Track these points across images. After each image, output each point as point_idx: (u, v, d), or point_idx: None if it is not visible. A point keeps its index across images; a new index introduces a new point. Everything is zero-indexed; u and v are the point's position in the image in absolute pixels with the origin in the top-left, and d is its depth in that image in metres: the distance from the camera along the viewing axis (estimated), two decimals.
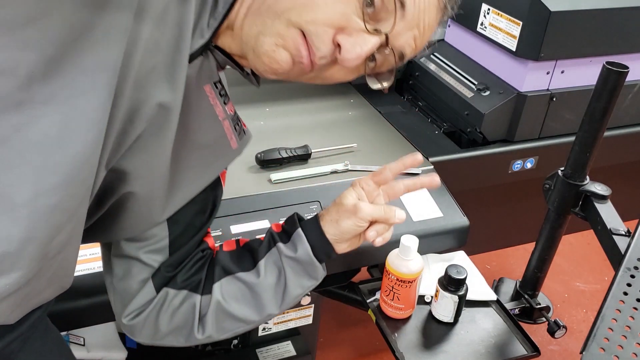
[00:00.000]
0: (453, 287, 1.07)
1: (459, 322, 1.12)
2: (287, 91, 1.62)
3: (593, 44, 1.38)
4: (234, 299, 0.85)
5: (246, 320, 0.87)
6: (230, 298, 0.85)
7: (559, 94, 1.42)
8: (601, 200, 1.12)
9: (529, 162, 1.47)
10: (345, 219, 0.86)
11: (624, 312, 0.91)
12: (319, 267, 0.88)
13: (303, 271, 0.87)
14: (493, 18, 1.40)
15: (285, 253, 0.86)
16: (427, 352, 1.06)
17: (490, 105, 1.40)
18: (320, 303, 1.44)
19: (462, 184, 1.39)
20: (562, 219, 1.20)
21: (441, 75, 1.54)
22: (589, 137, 1.09)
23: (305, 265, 0.87)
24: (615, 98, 1.05)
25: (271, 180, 1.22)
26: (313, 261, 0.86)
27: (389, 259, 1.08)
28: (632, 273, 0.97)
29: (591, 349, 0.86)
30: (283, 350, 1.46)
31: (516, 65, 1.40)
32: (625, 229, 1.07)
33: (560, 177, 1.16)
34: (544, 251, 1.26)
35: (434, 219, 1.23)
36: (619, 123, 1.55)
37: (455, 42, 1.59)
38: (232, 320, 0.86)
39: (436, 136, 1.47)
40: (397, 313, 1.11)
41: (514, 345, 1.09)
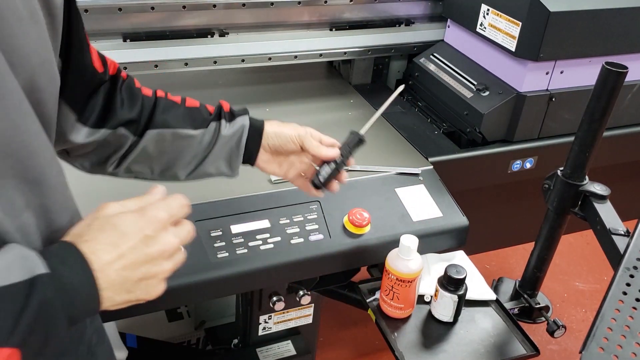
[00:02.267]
0: (452, 287, 1.08)
1: (459, 321, 1.12)
2: (287, 91, 1.62)
3: (592, 44, 1.38)
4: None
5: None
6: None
7: (559, 94, 1.43)
8: (600, 200, 1.12)
9: (528, 162, 1.47)
10: (290, 129, 0.96)
11: (623, 312, 0.91)
12: (240, 160, 0.95)
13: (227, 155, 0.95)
14: (492, 18, 1.41)
15: (222, 132, 0.93)
16: (426, 351, 1.07)
17: (489, 105, 1.40)
18: (320, 303, 1.44)
19: (462, 184, 1.39)
20: (561, 219, 1.21)
21: (441, 76, 1.55)
22: (588, 137, 1.10)
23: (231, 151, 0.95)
24: (615, 98, 1.05)
25: (271, 180, 1.23)
26: (240, 152, 0.95)
27: (388, 259, 1.09)
28: (632, 273, 0.98)
29: (590, 348, 0.86)
30: (283, 350, 1.47)
31: (515, 66, 1.40)
32: (624, 229, 1.07)
33: (559, 177, 1.16)
34: (543, 251, 1.26)
35: (433, 218, 1.23)
36: (619, 123, 1.56)
37: (455, 43, 1.60)
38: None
39: (436, 136, 1.47)
40: (396, 313, 1.12)
41: (513, 344, 1.09)
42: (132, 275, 0.60)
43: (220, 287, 1.09)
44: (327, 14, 1.54)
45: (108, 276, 0.58)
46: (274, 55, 1.48)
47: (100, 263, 0.58)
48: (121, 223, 0.61)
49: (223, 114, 0.95)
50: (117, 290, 0.60)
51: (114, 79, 0.87)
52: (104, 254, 0.58)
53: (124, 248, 0.59)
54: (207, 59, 1.41)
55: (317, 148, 0.96)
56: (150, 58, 1.35)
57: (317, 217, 1.17)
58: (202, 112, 0.95)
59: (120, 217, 0.61)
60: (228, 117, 0.95)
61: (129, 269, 0.60)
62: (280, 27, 1.51)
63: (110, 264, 0.59)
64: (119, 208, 0.63)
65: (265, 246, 1.11)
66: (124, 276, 0.60)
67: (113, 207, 0.63)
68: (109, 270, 0.58)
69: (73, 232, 0.61)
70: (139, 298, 0.62)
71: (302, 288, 1.31)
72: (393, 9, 1.61)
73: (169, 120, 0.90)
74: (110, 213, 0.62)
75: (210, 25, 1.42)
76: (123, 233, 0.60)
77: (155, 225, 0.62)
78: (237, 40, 1.45)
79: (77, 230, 0.61)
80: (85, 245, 0.58)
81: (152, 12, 1.33)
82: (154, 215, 0.63)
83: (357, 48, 1.57)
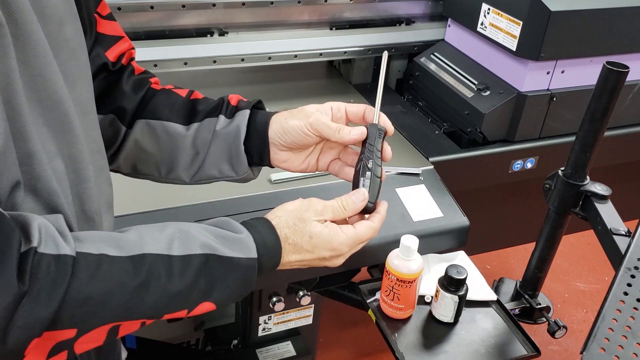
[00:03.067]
0: (453, 287, 1.07)
1: (459, 322, 1.12)
2: (287, 91, 1.62)
3: (593, 44, 1.38)
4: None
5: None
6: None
7: (559, 93, 1.42)
8: (601, 200, 1.12)
9: (529, 162, 1.47)
10: (295, 118, 0.83)
11: (624, 312, 0.91)
12: (242, 162, 0.86)
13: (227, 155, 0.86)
14: (493, 18, 1.40)
15: (216, 128, 0.85)
16: (427, 352, 1.06)
17: (490, 105, 1.40)
18: (320, 303, 1.44)
19: (462, 184, 1.39)
20: (562, 219, 1.20)
21: (441, 75, 1.54)
22: (589, 137, 1.09)
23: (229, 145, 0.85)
24: (616, 98, 1.05)
25: (271, 180, 1.22)
26: (240, 152, 0.84)
27: (389, 259, 1.08)
28: (633, 273, 0.97)
29: (591, 349, 0.86)
30: (283, 350, 1.46)
31: (516, 65, 1.39)
32: (625, 229, 1.07)
33: (560, 177, 1.16)
34: (544, 251, 1.26)
35: (434, 219, 1.23)
36: (619, 123, 1.55)
37: (455, 42, 1.59)
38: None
39: (436, 136, 1.47)
40: (397, 313, 1.11)
41: (514, 345, 1.09)
42: (299, 267, 0.78)
43: None
44: (327, 13, 1.53)
45: (284, 266, 0.76)
46: (273, 55, 1.48)
47: (285, 259, 0.75)
48: (315, 238, 0.76)
49: (224, 109, 0.86)
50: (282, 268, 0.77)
51: (122, 69, 0.87)
52: (292, 255, 0.75)
53: (307, 257, 0.77)
54: (207, 58, 1.41)
55: (337, 134, 0.82)
56: (150, 57, 1.35)
57: None
58: (201, 105, 0.88)
59: (316, 232, 0.76)
60: (229, 112, 0.86)
61: (299, 266, 0.78)
62: (280, 26, 1.50)
63: (291, 262, 0.76)
64: (319, 216, 0.77)
65: None
66: (292, 267, 0.77)
67: (315, 210, 0.77)
68: (287, 265, 0.76)
69: (280, 220, 0.75)
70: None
71: (302, 288, 1.31)
72: (393, 8, 1.60)
73: (159, 110, 0.86)
74: (311, 219, 0.76)
75: (209, 25, 1.42)
76: (313, 247, 0.76)
77: (336, 254, 0.79)
78: (236, 39, 1.44)
79: (284, 220, 0.75)
80: (286, 244, 0.75)
81: (152, 11, 1.33)
82: (339, 248, 0.78)
83: (357, 47, 1.57)
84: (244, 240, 0.70)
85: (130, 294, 0.61)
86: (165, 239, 0.65)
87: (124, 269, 0.61)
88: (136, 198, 1.14)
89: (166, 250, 0.64)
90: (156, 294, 0.62)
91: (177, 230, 0.67)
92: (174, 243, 0.65)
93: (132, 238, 0.64)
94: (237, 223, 0.73)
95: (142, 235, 0.65)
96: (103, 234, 0.64)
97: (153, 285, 0.62)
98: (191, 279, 0.65)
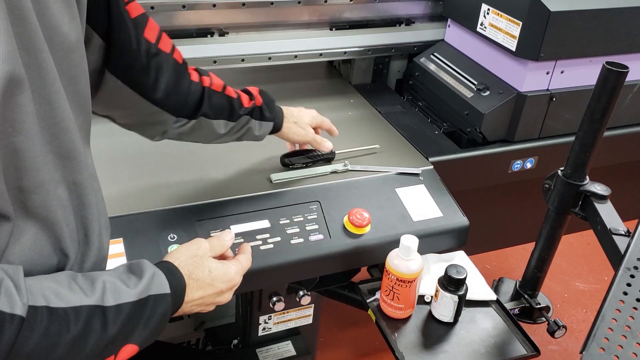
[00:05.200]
0: (453, 287, 1.07)
1: (459, 322, 1.12)
2: (287, 91, 1.62)
3: (593, 44, 1.38)
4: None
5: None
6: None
7: (559, 94, 1.42)
8: (601, 200, 1.12)
9: (528, 162, 1.47)
10: (303, 115, 1.21)
11: (623, 312, 0.91)
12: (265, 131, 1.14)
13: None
14: (493, 18, 1.40)
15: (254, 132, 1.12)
16: (427, 352, 1.06)
17: (490, 105, 1.40)
18: (320, 303, 1.44)
19: (462, 184, 1.39)
20: (561, 219, 1.20)
21: (441, 75, 1.54)
22: (588, 137, 1.09)
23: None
24: (615, 98, 1.05)
25: (271, 180, 1.22)
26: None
27: (389, 259, 1.08)
28: (632, 273, 0.97)
29: (591, 348, 0.86)
30: (283, 350, 1.46)
31: (516, 65, 1.40)
32: (625, 229, 1.07)
33: (560, 177, 1.16)
34: (543, 251, 1.26)
35: (433, 219, 1.23)
36: (619, 123, 1.55)
37: (455, 42, 1.59)
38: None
39: (436, 136, 1.47)
40: (397, 313, 1.11)
41: (513, 345, 1.09)
42: (194, 310, 0.81)
43: None
44: (327, 14, 1.54)
45: (185, 306, 0.79)
46: (273, 55, 1.48)
47: (189, 298, 0.78)
48: (214, 271, 0.81)
49: (255, 111, 1.09)
50: (179, 312, 0.79)
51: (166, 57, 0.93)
52: (196, 292, 0.79)
53: (208, 292, 0.80)
54: (207, 58, 1.41)
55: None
56: None
57: (317, 217, 1.17)
58: (236, 106, 1.06)
59: (214, 266, 0.82)
60: (259, 115, 1.11)
61: (196, 306, 0.81)
62: (280, 26, 1.50)
63: (193, 301, 0.79)
64: (210, 253, 0.84)
65: (265, 246, 1.11)
66: (190, 310, 0.80)
67: (205, 248, 0.83)
68: (189, 304, 0.79)
69: (181, 261, 0.79)
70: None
71: (302, 288, 1.31)
72: (393, 9, 1.61)
73: (209, 111, 1.01)
74: (206, 255, 0.83)
75: (210, 25, 1.42)
76: (212, 280, 0.81)
77: (231, 285, 0.84)
78: (237, 40, 1.45)
79: (183, 259, 0.80)
80: (190, 280, 0.78)
81: (152, 11, 1.33)
82: (234, 279, 0.85)
83: (357, 48, 1.57)
84: (157, 277, 0.73)
85: (69, 347, 0.62)
86: (98, 291, 0.67)
87: (65, 323, 0.61)
88: (136, 198, 1.14)
89: (100, 302, 0.66)
90: (91, 344, 0.64)
91: (107, 280, 0.69)
92: (106, 295, 0.67)
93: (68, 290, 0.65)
94: (145, 263, 0.75)
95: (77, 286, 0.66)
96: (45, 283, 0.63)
97: (91, 337, 0.64)
98: (122, 323, 0.67)
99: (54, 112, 0.63)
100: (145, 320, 0.70)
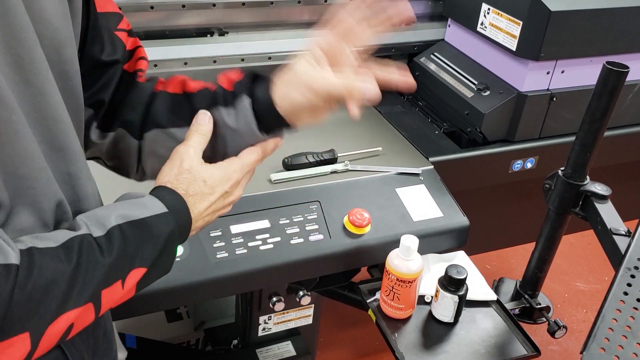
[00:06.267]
0: (453, 287, 1.07)
1: (459, 322, 1.12)
2: None
3: (593, 43, 1.38)
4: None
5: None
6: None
7: (559, 93, 1.42)
8: (601, 200, 1.12)
9: (529, 162, 1.47)
10: (293, 89, 0.76)
11: (624, 312, 0.91)
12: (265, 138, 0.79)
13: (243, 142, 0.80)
14: (493, 18, 1.40)
15: (225, 120, 0.79)
16: (427, 352, 1.06)
17: (490, 105, 1.40)
18: (320, 303, 1.44)
19: (462, 184, 1.39)
20: (562, 219, 1.20)
21: (441, 75, 1.54)
22: (589, 137, 1.09)
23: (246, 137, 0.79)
24: (616, 98, 1.05)
25: (271, 180, 1.22)
26: (260, 138, 0.78)
27: (389, 259, 1.08)
28: (633, 273, 0.97)
29: (591, 349, 0.86)
30: (283, 350, 1.46)
31: (516, 65, 1.39)
32: (625, 229, 1.07)
33: (560, 177, 1.16)
34: (544, 251, 1.26)
35: (434, 219, 1.23)
36: (619, 123, 1.55)
37: (455, 42, 1.59)
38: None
39: (436, 136, 1.47)
40: (397, 313, 1.11)
41: (514, 345, 1.09)
42: (211, 218, 0.78)
43: (220, 288, 1.09)
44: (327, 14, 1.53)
45: (197, 222, 0.75)
46: (273, 55, 1.48)
47: (196, 213, 0.74)
48: (209, 180, 0.76)
49: (221, 99, 0.81)
50: (197, 227, 0.77)
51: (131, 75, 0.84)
52: (200, 205, 0.74)
53: (212, 200, 0.76)
54: (207, 58, 1.41)
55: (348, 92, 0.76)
56: (150, 57, 1.32)
57: (317, 217, 1.17)
58: (197, 101, 0.82)
59: (208, 174, 0.76)
60: (228, 101, 0.80)
61: (210, 215, 0.77)
62: (280, 26, 1.50)
63: (201, 213, 0.75)
64: (194, 155, 0.76)
65: (265, 246, 1.10)
66: (206, 220, 0.77)
67: (190, 156, 0.75)
68: (199, 219, 0.75)
69: (172, 183, 0.74)
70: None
71: (302, 288, 1.31)
72: None
73: (161, 116, 0.82)
74: (194, 166, 0.75)
75: (209, 25, 1.42)
76: (212, 187, 0.76)
77: (233, 183, 0.78)
78: (236, 39, 1.44)
79: (172, 181, 0.74)
80: (188, 197, 0.73)
81: (152, 11, 1.33)
82: (234, 176, 0.78)
83: (357, 48, 1.57)
84: (148, 200, 0.70)
85: (69, 279, 0.60)
86: (83, 226, 0.65)
87: (57, 257, 0.60)
88: None
89: (86, 231, 0.64)
90: (91, 271, 0.62)
91: (85, 218, 0.66)
92: (90, 227, 0.65)
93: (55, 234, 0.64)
94: (135, 193, 0.72)
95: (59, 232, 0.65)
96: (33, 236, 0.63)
97: (89, 264, 0.62)
98: (118, 248, 0.65)
99: (47, 102, 0.63)
100: (146, 242, 0.67)
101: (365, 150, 1.35)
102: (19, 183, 0.61)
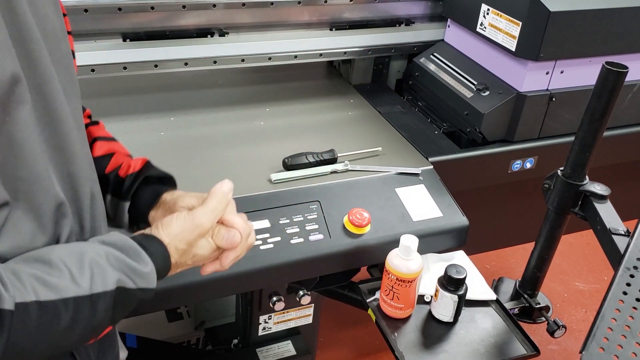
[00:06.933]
0: (453, 287, 1.08)
1: (459, 321, 1.12)
2: (287, 91, 1.62)
3: (592, 44, 1.38)
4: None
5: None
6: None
7: (559, 94, 1.42)
8: (601, 200, 1.12)
9: (528, 162, 1.47)
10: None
11: (623, 312, 0.91)
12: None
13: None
14: (492, 18, 1.41)
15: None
16: (426, 351, 1.06)
17: (489, 105, 1.40)
18: (320, 303, 1.44)
19: (462, 184, 1.39)
20: (561, 219, 1.21)
21: (441, 76, 1.54)
22: (588, 137, 1.10)
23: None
24: (615, 98, 1.05)
25: (271, 180, 1.22)
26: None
27: (388, 259, 1.08)
28: (632, 273, 0.98)
29: (591, 348, 0.86)
30: (283, 350, 1.47)
31: (516, 65, 1.40)
32: (624, 229, 1.07)
33: (559, 177, 1.16)
34: (543, 251, 1.26)
35: (433, 218, 1.23)
36: (619, 123, 1.55)
37: (455, 42, 1.59)
38: None
39: (436, 136, 1.47)
40: (396, 313, 1.11)
41: (513, 344, 1.09)
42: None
43: (220, 287, 1.09)
44: (327, 14, 1.54)
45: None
46: (274, 55, 1.48)
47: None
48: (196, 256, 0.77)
49: (123, 190, 0.88)
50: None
51: None
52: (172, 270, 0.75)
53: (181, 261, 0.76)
54: (207, 58, 1.41)
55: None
56: (150, 58, 1.35)
57: (317, 217, 1.17)
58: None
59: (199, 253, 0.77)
60: (124, 194, 0.88)
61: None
62: (280, 26, 1.50)
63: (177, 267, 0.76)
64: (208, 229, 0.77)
65: (265, 246, 1.11)
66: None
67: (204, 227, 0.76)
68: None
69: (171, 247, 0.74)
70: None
71: (302, 288, 1.31)
72: (393, 9, 1.61)
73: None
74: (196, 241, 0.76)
75: (210, 25, 1.42)
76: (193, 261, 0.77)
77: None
78: (237, 40, 1.45)
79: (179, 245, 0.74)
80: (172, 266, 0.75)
81: (152, 11, 1.33)
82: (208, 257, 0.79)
83: (357, 48, 1.57)
84: (149, 275, 0.70)
85: (60, 334, 0.62)
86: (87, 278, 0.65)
87: (55, 313, 0.61)
88: None
89: (88, 290, 0.64)
90: (80, 330, 0.64)
91: (94, 265, 0.66)
92: (94, 278, 0.65)
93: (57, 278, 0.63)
94: (143, 252, 0.71)
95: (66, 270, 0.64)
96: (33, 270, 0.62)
97: (81, 324, 0.63)
98: (106, 312, 0.66)
99: (48, 100, 0.63)
100: (128, 306, 0.69)
101: (365, 150, 1.35)
102: (18, 185, 0.62)
